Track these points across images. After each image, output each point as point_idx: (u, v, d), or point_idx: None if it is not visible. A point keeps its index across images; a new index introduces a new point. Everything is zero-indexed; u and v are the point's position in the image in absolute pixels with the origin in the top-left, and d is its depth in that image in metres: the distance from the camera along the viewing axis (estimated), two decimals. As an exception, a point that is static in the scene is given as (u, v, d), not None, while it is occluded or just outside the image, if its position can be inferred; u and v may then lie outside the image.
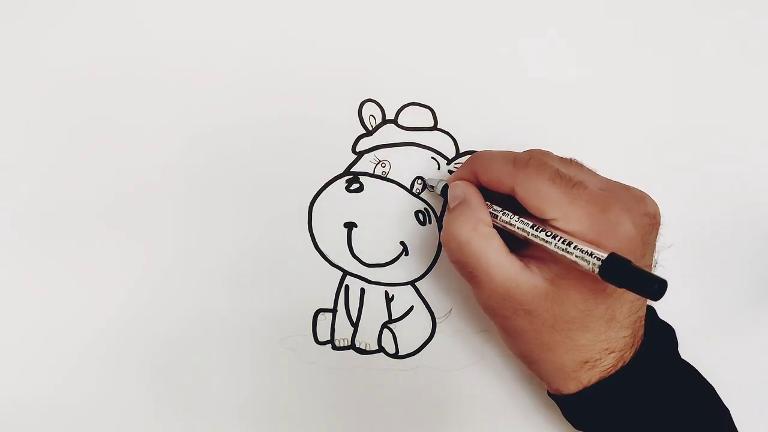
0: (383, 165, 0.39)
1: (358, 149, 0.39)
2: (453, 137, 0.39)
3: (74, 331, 0.38)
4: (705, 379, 0.35)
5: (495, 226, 0.33)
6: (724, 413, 0.35)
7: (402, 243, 0.39)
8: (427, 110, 0.39)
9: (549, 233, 0.31)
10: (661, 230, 0.41)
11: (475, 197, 0.34)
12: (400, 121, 0.39)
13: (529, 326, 0.32)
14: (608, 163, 0.40)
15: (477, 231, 0.33)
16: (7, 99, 0.37)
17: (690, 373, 0.35)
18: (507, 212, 0.33)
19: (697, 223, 0.41)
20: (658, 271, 0.34)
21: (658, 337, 0.35)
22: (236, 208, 0.38)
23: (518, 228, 0.32)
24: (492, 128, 0.39)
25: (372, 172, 0.39)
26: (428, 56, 0.39)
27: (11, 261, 0.38)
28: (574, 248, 0.30)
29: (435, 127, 0.39)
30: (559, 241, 0.30)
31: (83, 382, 0.38)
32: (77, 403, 0.38)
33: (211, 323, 0.39)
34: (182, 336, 0.38)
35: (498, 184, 0.33)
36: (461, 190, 0.35)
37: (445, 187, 0.36)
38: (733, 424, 0.35)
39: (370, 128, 0.39)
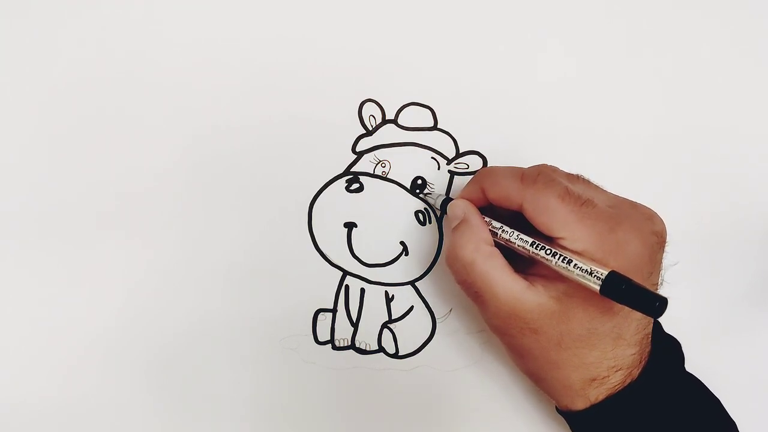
0: (383, 165, 0.39)
1: (358, 149, 0.39)
2: (453, 137, 0.39)
3: (75, 330, 0.38)
4: (711, 392, 0.35)
5: (497, 244, 0.33)
6: (731, 427, 0.35)
7: (402, 243, 0.39)
8: (427, 110, 0.39)
9: (549, 251, 0.31)
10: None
11: (474, 216, 0.34)
12: (400, 121, 0.39)
13: (535, 344, 0.32)
14: (608, 162, 0.40)
15: (480, 251, 0.33)
16: (7, 98, 0.37)
17: (696, 386, 0.35)
18: (506, 229, 0.33)
19: (696, 223, 0.41)
20: (664, 289, 0.34)
21: (665, 351, 0.35)
22: (236, 209, 0.38)
23: (518, 245, 0.32)
24: (492, 128, 0.40)
25: (372, 172, 0.39)
26: (428, 56, 0.39)
27: (11, 261, 0.38)
28: (574, 266, 0.30)
29: (435, 127, 0.39)
30: (559, 259, 0.30)
31: (84, 382, 0.38)
32: (77, 403, 0.38)
33: (212, 323, 0.39)
34: (182, 336, 0.38)
35: (506, 200, 0.33)
36: (461, 209, 0.35)
37: (444, 203, 0.36)
38: None
39: (370, 128, 0.39)
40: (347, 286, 0.39)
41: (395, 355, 0.39)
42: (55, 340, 0.38)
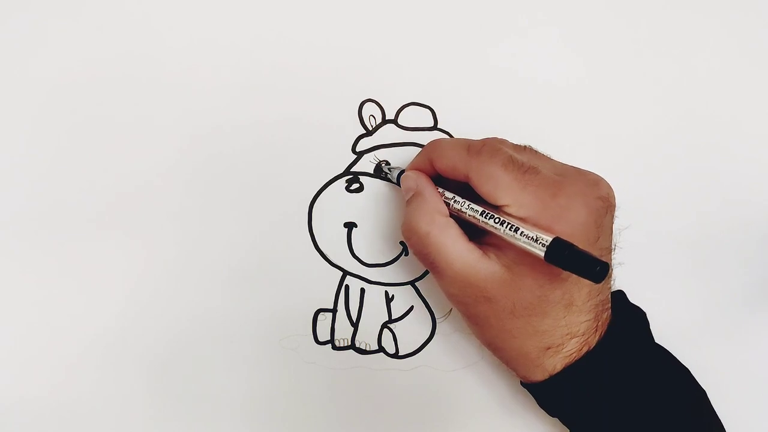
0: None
1: (358, 149, 0.39)
2: (453, 137, 0.39)
3: (74, 331, 0.38)
4: (678, 361, 0.35)
5: (451, 214, 0.34)
6: (698, 394, 0.35)
7: (402, 243, 0.39)
8: (427, 110, 0.39)
9: (498, 220, 0.31)
10: (659, 230, 0.40)
11: (428, 188, 0.34)
12: (400, 121, 0.39)
13: (490, 313, 0.32)
14: (609, 163, 0.40)
15: (434, 222, 0.33)
16: (6, 98, 0.37)
17: (662, 355, 0.35)
18: (458, 199, 0.33)
19: (694, 224, 0.41)
20: (619, 254, 0.34)
21: (627, 320, 0.35)
22: (236, 209, 0.38)
23: (469, 215, 0.33)
24: (492, 128, 0.39)
25: (372, 172, 0.39)
26: (428, 56, 0.39)
27: (10, 261, 0.38)
28: (520, 234, 0.30)
29: (435, 127, 0.39)
30: (506, 227, 0.30)
31: (83, 383, 0.38)
32: (76, 403, 0.38)
33: (211, 323, 0.39)
34: (182, 335, 0.38)
35: (453, 171, 0.33)
36: (413, 181, 0.35)
37: (400, 175, 0.37)
38: (709, 404, 0.35)
39: (370, 128, 0.39)
40: (347, 286, 0.39)
41: (395, 355, 0.39)
42: (55, 339, 0.38)
